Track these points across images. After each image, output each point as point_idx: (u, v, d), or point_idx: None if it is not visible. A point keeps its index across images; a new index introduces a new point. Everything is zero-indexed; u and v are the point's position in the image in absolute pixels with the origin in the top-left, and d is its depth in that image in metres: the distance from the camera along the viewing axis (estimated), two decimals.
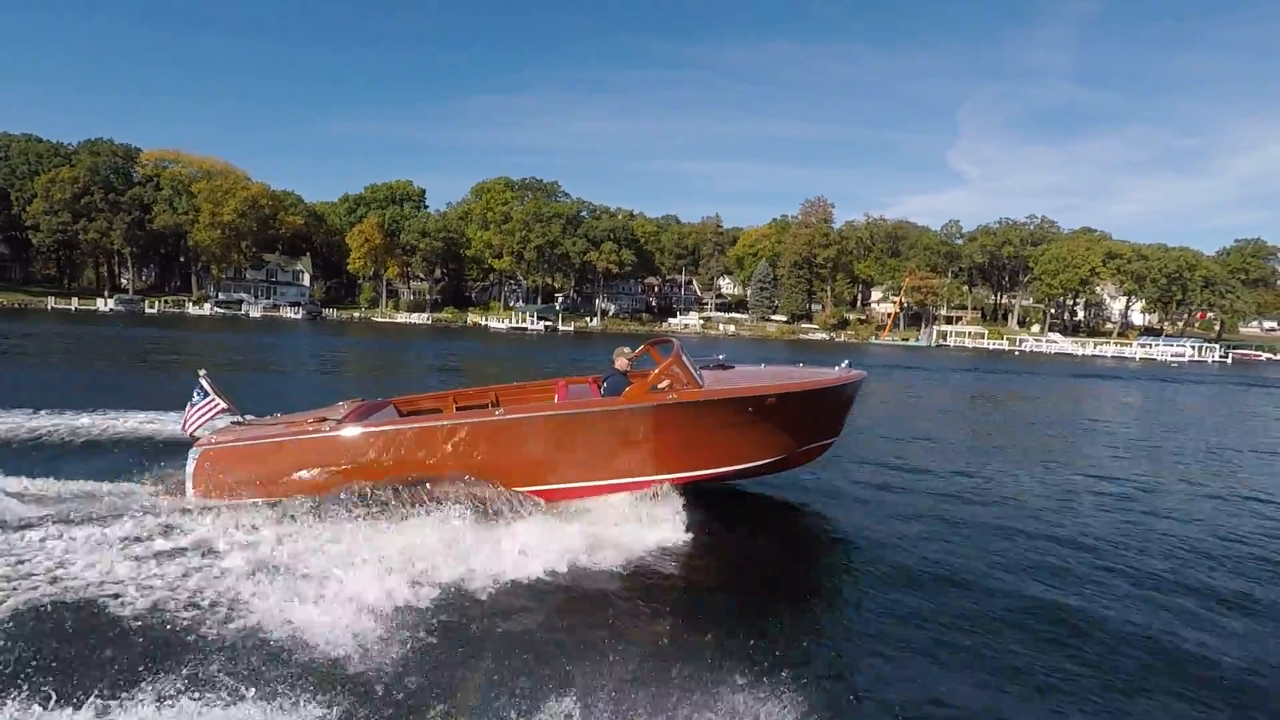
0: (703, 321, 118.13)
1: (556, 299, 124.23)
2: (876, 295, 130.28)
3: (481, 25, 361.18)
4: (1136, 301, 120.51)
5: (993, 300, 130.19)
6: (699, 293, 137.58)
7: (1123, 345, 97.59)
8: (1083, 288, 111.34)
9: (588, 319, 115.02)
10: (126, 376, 24.31)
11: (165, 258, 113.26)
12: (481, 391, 10.52)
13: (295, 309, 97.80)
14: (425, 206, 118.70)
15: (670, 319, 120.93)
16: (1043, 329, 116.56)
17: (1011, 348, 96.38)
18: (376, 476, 8.13)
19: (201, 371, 9.00)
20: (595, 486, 8.66)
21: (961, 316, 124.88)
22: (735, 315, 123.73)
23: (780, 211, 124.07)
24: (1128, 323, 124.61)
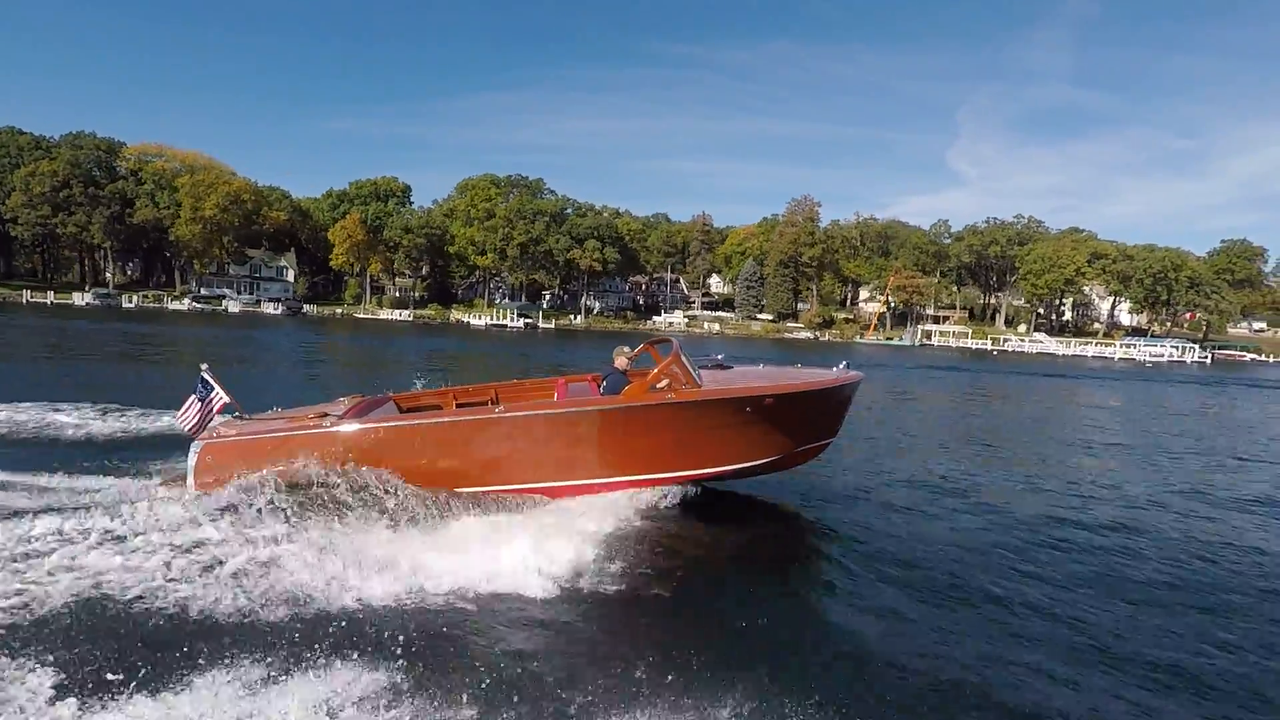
0: (687, 320, 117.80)
1: (544, 296, 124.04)
2: (865, 295, 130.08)
3: (478, 25, 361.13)
4: (1123, 302, 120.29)
5: (982, 300, 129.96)
6: (686, 291, 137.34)
7: (1103, 345, 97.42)
8: (1068, 288, 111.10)
9: (571, 316, 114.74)
10: (106, 371, 23.95)
11: (149, 253, 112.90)
12: (481, 389, 10.65)
13: (275, 305, 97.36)
14: (411, 203, 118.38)
15: (655, 317, 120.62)
16: (1029, 329, 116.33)
17: (993, 347, 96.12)
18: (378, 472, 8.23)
19: (204, 365, 8.94)
20: (593, 485, 8.74)
21: (949, 316, 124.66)
22: (721, 314, 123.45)
23: (774, 211, 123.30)
24: (1115, 323, 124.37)
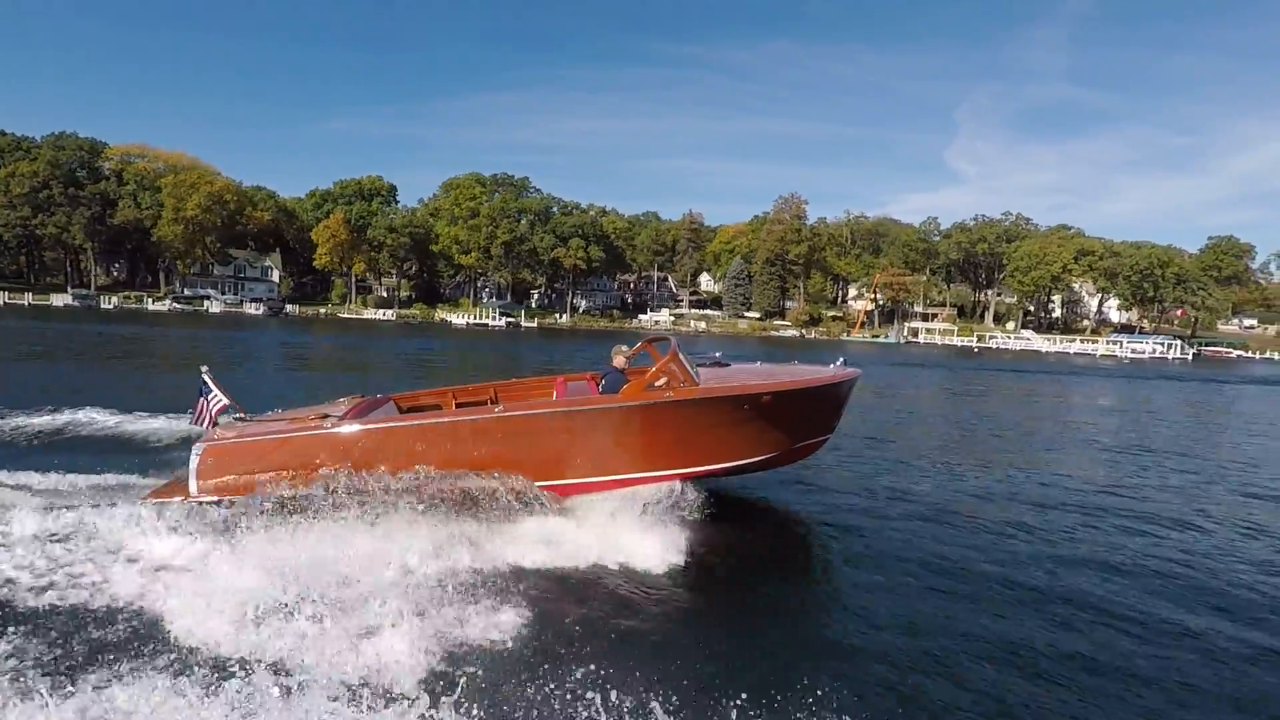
0: (673, 318, 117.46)
1: (532, 296, 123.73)
2: (854, 292, 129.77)
3: (475, 24, 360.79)
4: (1111, 299, 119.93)
5: (973, 298, 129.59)
6: (675, 289, 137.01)
7: (1087, 342, 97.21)
8: (1055, 284, 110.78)
9: (557, 315, 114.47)
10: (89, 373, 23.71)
11: (133, 254, 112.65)
12: (480, 388, 10.82)
13: (257, 305, 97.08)
14: (397, 202, 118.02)
15: (640, 316, 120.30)
16: (1018, 326, 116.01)
17: (977, 345, 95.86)
18: (379, 473, 8.25)
19: (204, 367, 9.04)
20: (592, 484, 8.82)
21: (938, 314, 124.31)
22: (708, 312, 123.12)
23: (769, 209, 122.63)
24: (1103, 320, 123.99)
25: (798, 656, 6.15)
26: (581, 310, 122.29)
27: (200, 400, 8.89)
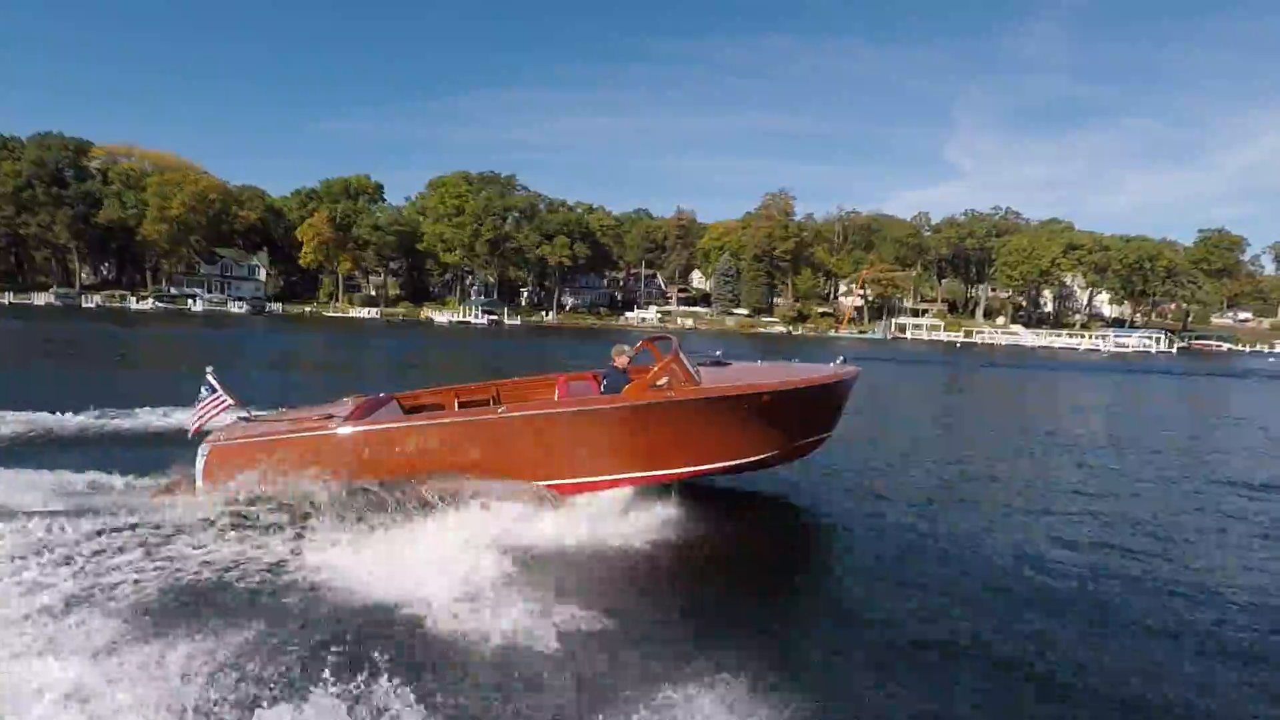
0: (661, 316, 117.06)
1: (521, 293, 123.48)
2: (844, 288, 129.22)
3: (466, 23, 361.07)
4: (1102, 292, 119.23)
5: (964, 292, 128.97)
6: (664, 287, 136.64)
7: (1072, 336, 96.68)
8: (1044, 278, 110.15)
9: (544, 313, 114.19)
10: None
11: (120, 253, 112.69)
12: (482, 387, 10.92)
13: (240, 304, 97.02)
14: (384, 200, 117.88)
15: (628, 313, 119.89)
16: (1008, 321, 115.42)
17: (963, 340, 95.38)
18: (383, 473, 8.38)
19: (209, 368, 9.09)
20: (594, 483, 8.89)
21: (928, 309, 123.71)
22: (696, 309, 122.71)
23: (758, 205, 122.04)
24: (1094, 314, 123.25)
25: (797, 653, 6.15)
26: (569, 307, 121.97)
27: (204, 400, 8.91)
